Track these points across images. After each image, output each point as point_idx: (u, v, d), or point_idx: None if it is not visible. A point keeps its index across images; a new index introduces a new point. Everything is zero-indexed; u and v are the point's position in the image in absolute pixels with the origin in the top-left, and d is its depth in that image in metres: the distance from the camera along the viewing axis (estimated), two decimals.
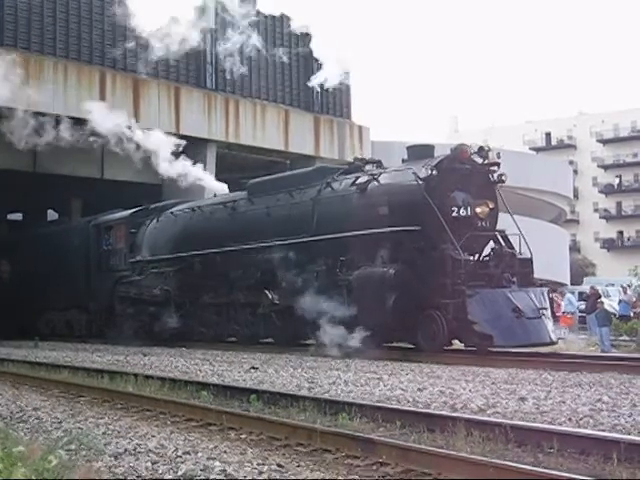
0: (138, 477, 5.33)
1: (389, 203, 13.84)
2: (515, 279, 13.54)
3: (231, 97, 28.01)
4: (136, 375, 10.73)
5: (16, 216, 34.94)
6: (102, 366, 13.10)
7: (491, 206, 13.93)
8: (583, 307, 23.23)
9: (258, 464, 5.58)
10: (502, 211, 14.48)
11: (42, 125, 20.28)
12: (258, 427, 6.87)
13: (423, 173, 13.54)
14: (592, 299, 20.84)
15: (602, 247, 75.68)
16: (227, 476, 5.27)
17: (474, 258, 13.59)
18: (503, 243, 14.05)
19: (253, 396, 8.43)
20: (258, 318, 16.53)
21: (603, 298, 21.89)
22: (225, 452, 6.07)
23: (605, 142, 77.80)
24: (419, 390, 8.67)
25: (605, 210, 77.32)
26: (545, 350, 13.27)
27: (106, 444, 6.33)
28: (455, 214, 13.47)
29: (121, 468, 5.53)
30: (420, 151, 14.65)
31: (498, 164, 14.28)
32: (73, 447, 6.13)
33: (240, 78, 28.39)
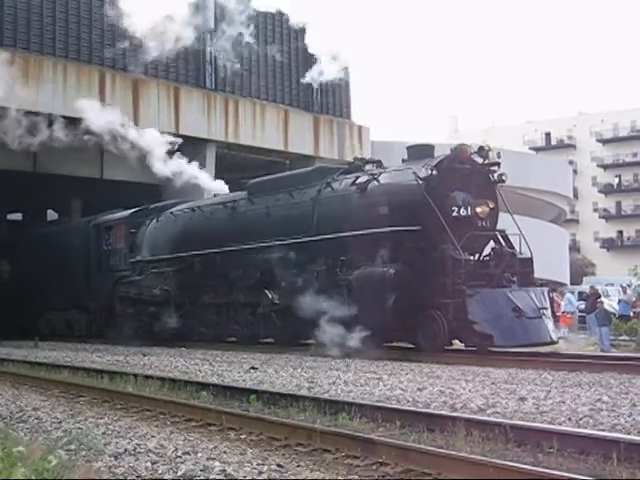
0: (138, 477, 5.32)
1: (389, 203, 13.84)
2: (515, 279, 13.54)
3: (230, 97, 27.99)
4: (136, 375, 10.73)
5: (16, 216, 34.93)
6: (102, 366, 13.10)
7: (491, 206, 13.93)
8: (583, 307, 23.23)
9: (258, 464, 5.58)
10: (502, 211, 14.48)
11: (35, 125, 20.24)
12: (258, 427, 6.87)
13: (423, 173, 13.54)
14: (592, 299, 20.84)
15: (602, 247, 75.70)
16: (227, 476, 5.27)
17: (474, 258, 13.60)
18: (503, 243, 14.05)
19: (253, 396, 8.43)
20: (258, 318, 16.53)
21: (603, 298, 21.89)
22: (225, 452, 6.07)
23: (605, 142, 77.83)
24: (419, 390, 8.67)
25: (605, 210, 77.34)
26: (545, 350, 13.27)
27: (106, 444, 6.33)
28: (455, 214, 13.47)
29: (121, 468, 5.53)
30: (420, 151, 14.65)
31: (498, 164, 14.28)
32: (73, 447, 6.12)
33: (240, 78, 28.41)
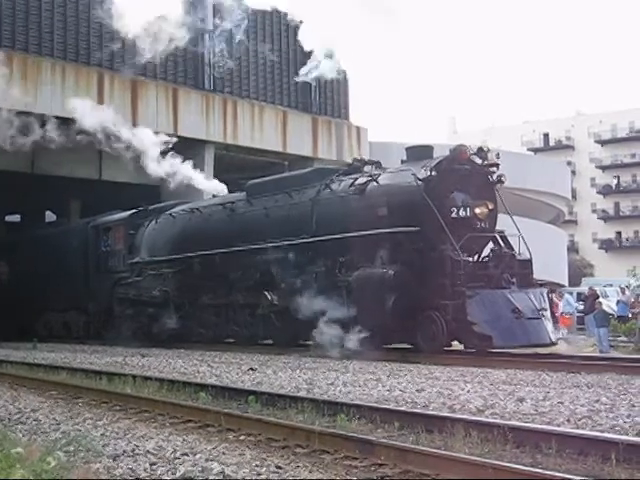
0: (136, 478, 5.32)
1: (388, 204, 13.84)
2: (514, 280, 13.54)
3: (229, 98, 28.00)
4: (134, 376, 10.71)
5: (14, 217, 34.91)
6: (100, 367, 13.08)
7: (490, 207, 13.94)
8: (581, 308, 23.24)
9: (256, 465, 5.58)
10: (501, 212, 14.48)
11: (28, 125, 20.22)
12: (256, 428, 6.86)
13: (422, 174, 13.54)
14: (590, 300, 20.83)
15: (600, 248, 75.71)
16: (225, 477, 5.26)
17: (473, 259, 13.61)
18: (502, 244, 14.06)
19: (251, 397, 8.42)
20: (257, 319, 16.53)
21: (601, 299, 21.88)
22: (223, 453, 6.06)
23: (603, 143, 77.86)
24: (417, 391, 8.67)
25: (603, 211, 77.37)
26: (543, 351, 13.28)
27: (104, 445, 6.33)
28: (454, 215, 13.47)
29: (119, 469, 5.52)
30: (419, 152, 14.65)
31: (497, 165, 14.29)
32: (71, 448, 6.12)
33: (238, 79, 28.42)
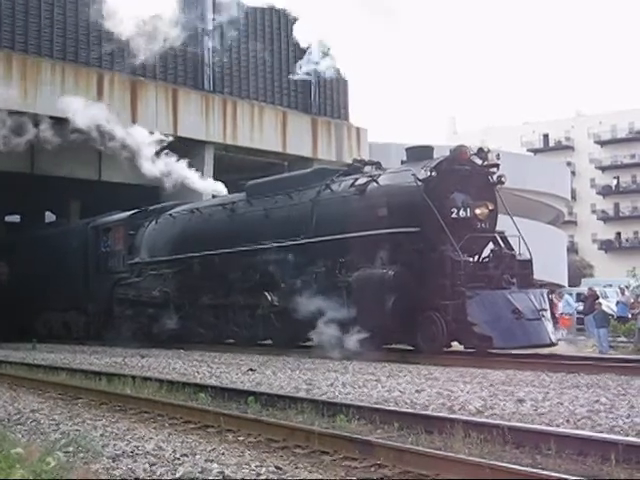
0: (136, 479, 5.32)
1: (388, 204, 13.84)
2: (515, 280, 13.54)
3: (229, 99, 27.99)
4: (134, 377, 10.71)
5: (14, 218, 34.90)
6: (100, 368, 13.08)
7: (490, 207, 13.94)
8: (581, 308, 23.23)
9: (256, 466, 5.58)
10: (501, 213, 14.48)
11: (23, 125, 20.23)
12: (256, 429, 6.86)
13: (422, 174, 13.53)
14: (590, 300, 20.83)
15: (600, 248, 75.70)
16: (225, 478, 5.26)
17: (473, 259, 13.60)
18: (502, 244, 14.05)
19: (251, 398, 8.42)
20: (257, 320, 16.52)
21: (601, 299, 21.87)
22: (223, 454, 6.06)
23: (603, 143, 77.84)
24: (417, 392, 8.66)
25: (603, 211, 77.36)
26: (543, 351, 13.28)
27: (104, 446, 6.32)
28: (454, 215, 13.47)
29: (119, 470, 5.52)
30: (419, 152, 14.65)
31: (497, 165, 14.29)
32: (71, 449, 6.12)
33: (238, 80, 28.41)
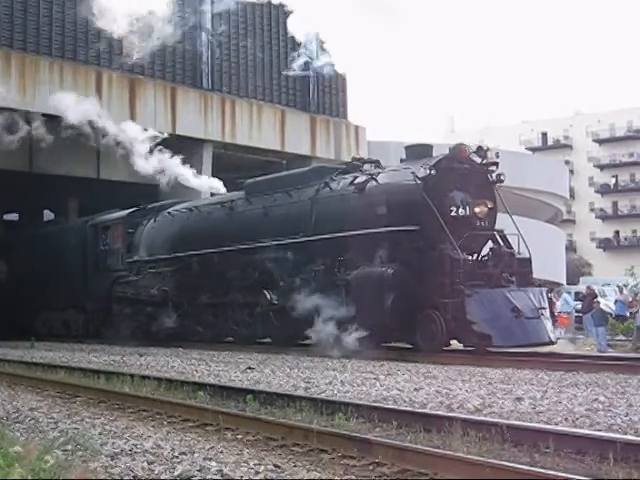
0: (134, 477, 5.32)
1: (387, 203, 13.84)
2: (514, 279, 13.54)
3: (227, 97, 27.97)
4: (132, 375, 10.72)
5: (12, 216, 34.88)
6: (98, 366, 13.09)
7: (490, 206, 13.94)
8: (579, 307, 23.24)
9: (255, 464, 5.58)
10: (500, 211, 14.48)
11: (19, 123, 20.20)
12: (254, 427, 6.86)
13: (422, 173, 13.53)
14: (588, 299, 20.85)
15: (598, 247, 75.77)
16: (223, 476, 5.26)
17: (473, 258, 13.61)
18: (502, 243, 14.05)
19: (249, 396, 8.42)
20: (256, 318, 16.52)
21: (599, 298, 21.92)
22: (222, 452, 6.06)
23: (601, 142, 77.89)
24: (415, 390, 8.66)
25: (601, 210, 77.42)
26: (541, 350, 13.28)
27: (102, 444, 6.32)
28: (454, 214, 13.47)
29: (117, 468, 5.52)
30: (418, 151, 14.65)
31: (497, 164, 14.29)
32: (69, 447, 6.11)
33: (236, 78, 28.38)
